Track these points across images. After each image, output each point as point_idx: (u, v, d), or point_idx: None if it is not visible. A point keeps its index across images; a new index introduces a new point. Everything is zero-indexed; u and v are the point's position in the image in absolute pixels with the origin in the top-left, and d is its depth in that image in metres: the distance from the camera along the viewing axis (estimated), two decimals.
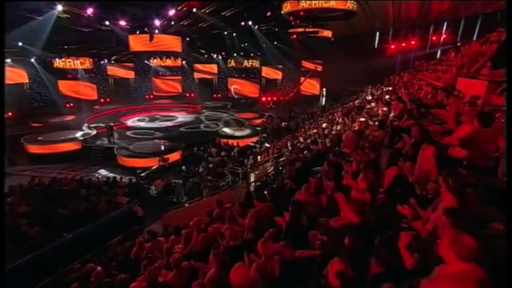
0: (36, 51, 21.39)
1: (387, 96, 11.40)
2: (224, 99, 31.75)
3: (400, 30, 26.64)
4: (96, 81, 28.37)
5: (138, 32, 17.20)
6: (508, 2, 4.18)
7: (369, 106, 11.75)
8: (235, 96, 32.16)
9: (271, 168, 7.47)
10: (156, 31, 17.14)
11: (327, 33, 24.25)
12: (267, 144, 16.94)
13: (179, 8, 15.48)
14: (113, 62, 28.64)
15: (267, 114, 25.75)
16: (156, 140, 17.08)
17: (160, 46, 19.06)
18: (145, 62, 30.88)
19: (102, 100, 28.86)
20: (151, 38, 17.82)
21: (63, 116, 22.69)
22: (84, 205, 9.21)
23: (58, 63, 25.26)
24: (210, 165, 10.83)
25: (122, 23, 16.98)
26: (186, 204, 8.21)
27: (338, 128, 9.57)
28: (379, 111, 8.88)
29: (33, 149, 15.30)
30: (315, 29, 22.58)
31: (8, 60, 21.44)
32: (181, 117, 24.40)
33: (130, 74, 30.84)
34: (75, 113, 23.83)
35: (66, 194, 10.16)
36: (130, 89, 31.11)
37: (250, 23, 16.64)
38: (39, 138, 16.13)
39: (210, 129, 20.39)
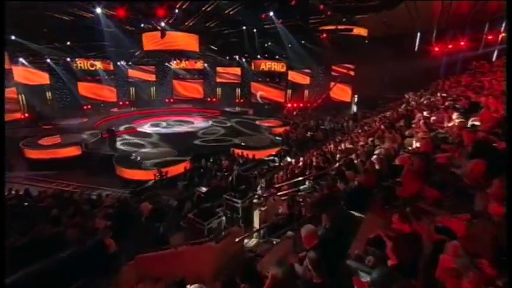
0: (54, 52, 20.91)
1: (446, 103, 8.59)
2: (247, 105, 29.67)
3: (446, 30, 23.12)
4: (116, 83, 27.64)
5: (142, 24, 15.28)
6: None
7: (420, 115, 8.92)
8: (260, 101, 29.98)
9: (284, 207, 5.02)
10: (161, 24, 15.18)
11: (362, 31, 21.37)
12: (288, 159, 14.39)
13: None
14: (130, 63, 27.69)
15: (291, 121, 23.18)
16: (163, 149, 15.18)
17: (175, 45, 17.38)
18: (166, 64, 29.79)
19: (121, 103, 28.06)
20: (162, 35, 16.15)
21: (75, 118, 21.77)
22: (49, 231, 7.21)
23: (78, 64, 24.80)
24: (202, 192, 8.50)
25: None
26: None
27: (384, 145, 6.85)
28: (449, 123, 6.08)
29: (31, 153, 14.05)
30: (349, 26, 19.80)
31: (24, 62, 20.96)
32: (198, 123, 22.54)
33: (151, 77, 30.00)
34: (90, 115, 22.95)
35: (36, 213, 8.32)
36: (150, 92, 30.20)
37: (271, 14, 14.17)
38: (40, 142, 14.88)
39: (225, 137, 18.16)
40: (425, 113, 8.92)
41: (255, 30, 16.53)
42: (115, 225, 8.38)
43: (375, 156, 5.47)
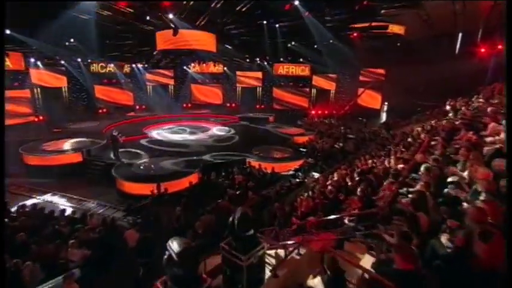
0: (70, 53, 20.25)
1: None
2: (268, 111, 27.79)
3: (495, 28, 20.06)
4: (133, 87, 26.85)
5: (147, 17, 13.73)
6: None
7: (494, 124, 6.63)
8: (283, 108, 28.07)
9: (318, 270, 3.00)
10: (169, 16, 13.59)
11: (398, 29, 18.89)
12: (314, 174, 12.22)
13: None
14: (146, 65, 26.80)
15: (316, 130, 20.94)
16: (171, 158, 13.52)
17: (190, 44, 15.85)
18: (184, 68, 28.70)
19: (137, 107, 27.20)
20: (175, 33, 14.69)
21: (88, 121, 20.88)
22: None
23: (95, 67, 24.23)
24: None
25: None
26: None
27: (462, 169, 4.59)
28: None
29: (30, 159, 12.90)
30: (384, 23, 17.42)
31: (40, 64, 20.47)
32: (214, 130, 20.88)
33: (168, 81, 29.08)
34: (104, 119, 22.04)
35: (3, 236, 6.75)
36: (167, 97, 29.20)
37: (296, 2, 12.10)
38: (41, 147, 13.75)
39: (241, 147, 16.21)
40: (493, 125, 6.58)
41: (277, 25, 14.62)
42: (94, 256, 6.68)
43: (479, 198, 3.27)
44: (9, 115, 17.38)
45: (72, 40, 14.22)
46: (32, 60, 18.91)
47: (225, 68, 29.18)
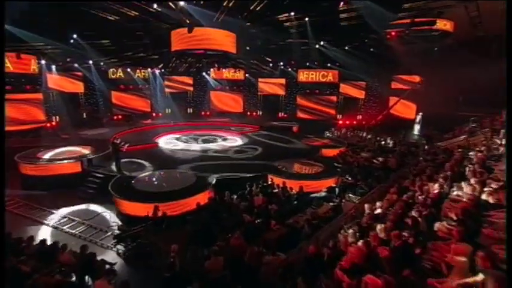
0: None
1: None
2: (292, 120, 25.65)
3: None
4: (150, 93, 25.76)
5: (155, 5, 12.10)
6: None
7: None
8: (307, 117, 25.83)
9: None
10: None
11: (447, 25, 16.22)
12: (352, 197, 9.83)
13: None
14: (163, 70, 25.64)
15: (346, 142, 18.44)
16: (181, 171, 11.63)
17: (207, 43, 14.14)
18: (203, 74, 27.36)
19: (154, 114, 26.01)
20: (190, 30, 13.05)
21: (99, 128, 19.72)
22: None
23: (113, 73, 23.36)
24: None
25: None
26: None
27: None
28: None
29: (25, 168, 11.49)
30: (431, 18, 14.86)
31: (53, 68, 19.71)
32: (233, 139, 18.96)
33: (187, 88, 27.82)
34: (117, 125, 20.88)
35: None
36: (185, 104, 27.94)
37: None
38: (39, 155, 12.35)
39: (262, 160, 14.03)
40: None
41: (307, 18, 12.47)
42: None
43: None
44: (18, 120, 16.40)
45: (75, 36, 12.91)
46: (43, 61, 17.92)
47: (247, 75, 27.59)
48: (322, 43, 16.37)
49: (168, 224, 7.76)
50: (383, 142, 19.53)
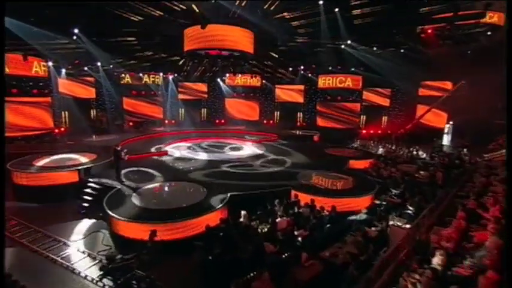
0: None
1: None
2: (311, 128, 23.89)
3: None
4: (163, 100, 24.73)
5: None
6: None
7: None
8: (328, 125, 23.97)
9: None
10: None
11: (496, 18, 14.20)
12: (398, 220, 7.90)
13: None
14: (176, 75, 24.60)
15: (375, 153, 16.47)
16: (189, 184, 10.04)
17: (221, 41, 12.77)
18: (218, 80, 26.19)
19: (166, 121, 24.89)
20: (203, 26, 11.74)
21: (108, 135, 18.65)
22: None
23: (125, 78, 22.50)
24: None
25: None
26: None
27: None
28: None
29: (18, 177, 10.22)
30: (479, 11, 12.86)
31: (63, 72, 18.92)
32: (249, 149, 17.37)
33: (201, 94, 26.65)
34: (128, 132, 19.83)
35: None
36: (199, 111, 26.77)
37: None
38: (34, 162, 11.11)
39: (283, 172, 12.22)
40: None
41: (337, 9, 10.80)
42: None
43: None
44: (22, 125, 15.48)
45: (76, 30, 11.77)
46: (50, 63, 17.01)
47: (264, 81, 26.22)
48: (349, 42, 14.56)
49: (169, 250, 6.10)
50: (415, 153, 17.47)
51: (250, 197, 8.85)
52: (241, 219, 7.20)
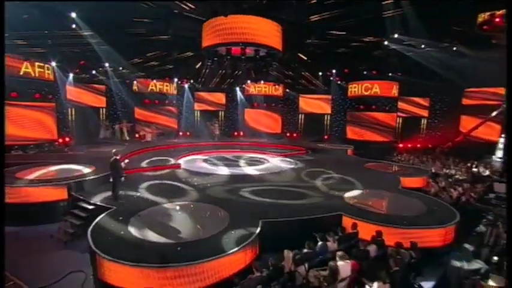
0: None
1: None
2: (338, 141, 21.36)
3: None
4: (178, 110, 23.02)
5: None
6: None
7: None
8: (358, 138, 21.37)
9: None
10: None
11: None
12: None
13: None
14: (192, 82, 22.89)
15: (430, 171, 13.62)
16: (208, 206, 7.72)
17: (244, 34, 10.75)
18: (236, 89, 24.30)
19: (181, 133, 23.03)
20: (226, 14, 9.87)
21: (113, 145, 16.85)
22: None
23: (137, 86, 21.02)
24: None
25: None
26: None
27: None
28: None
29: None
30: None
31: (70, 78, 17.55)
32: (273, 164, 15.00)
33: (219, 104, 24.78)
34: (138, 143, 18.02)
35: None
36: (217, 122, 24.79)
37: None
38: (18, 174, 9.17)
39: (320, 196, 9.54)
40: None
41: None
42: None
43: None
44: (20, 134, 13.80)
45: (74, 26, 10.08)
46: (53, 63, 15.30)
47: (287, 90, 24.17)
48: (396, 35, 12.16)
49: None
50: (475, 169, 14.56)
51: (290, 224, 6.39)
52: (287, 264, 4.74)
